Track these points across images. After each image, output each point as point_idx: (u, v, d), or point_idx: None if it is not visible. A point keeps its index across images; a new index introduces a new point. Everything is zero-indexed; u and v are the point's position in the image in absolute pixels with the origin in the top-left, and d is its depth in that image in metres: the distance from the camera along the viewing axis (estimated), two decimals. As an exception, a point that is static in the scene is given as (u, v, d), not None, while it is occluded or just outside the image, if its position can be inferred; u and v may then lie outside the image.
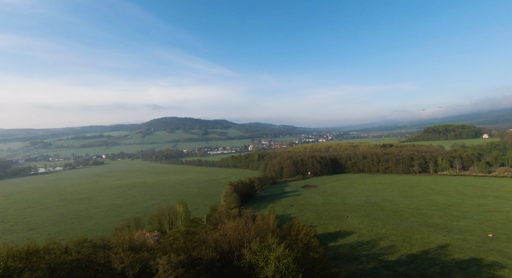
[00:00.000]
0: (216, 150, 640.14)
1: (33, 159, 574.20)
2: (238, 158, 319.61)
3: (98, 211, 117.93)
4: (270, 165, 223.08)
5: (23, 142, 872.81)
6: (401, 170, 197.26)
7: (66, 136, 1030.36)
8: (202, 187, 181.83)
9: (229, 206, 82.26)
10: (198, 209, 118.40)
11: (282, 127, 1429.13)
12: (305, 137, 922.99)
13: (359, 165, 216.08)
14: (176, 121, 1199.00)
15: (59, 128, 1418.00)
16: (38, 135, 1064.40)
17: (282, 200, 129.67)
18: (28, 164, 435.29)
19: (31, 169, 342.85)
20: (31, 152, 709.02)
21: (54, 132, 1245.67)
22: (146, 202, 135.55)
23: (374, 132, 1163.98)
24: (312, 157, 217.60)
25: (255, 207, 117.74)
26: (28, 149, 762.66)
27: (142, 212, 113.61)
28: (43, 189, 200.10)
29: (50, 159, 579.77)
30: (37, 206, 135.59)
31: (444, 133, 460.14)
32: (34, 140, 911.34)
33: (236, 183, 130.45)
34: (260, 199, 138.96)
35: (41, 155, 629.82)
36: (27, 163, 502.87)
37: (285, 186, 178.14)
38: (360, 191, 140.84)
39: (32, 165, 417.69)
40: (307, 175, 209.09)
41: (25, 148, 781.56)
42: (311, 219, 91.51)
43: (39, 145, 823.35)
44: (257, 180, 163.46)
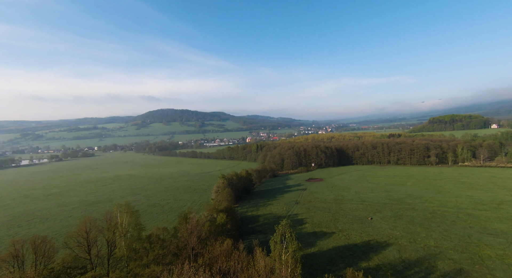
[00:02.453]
0: (212, 142, 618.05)
1: (20, 151, 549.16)
2: (235, 149, 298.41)
3: (61, 210, 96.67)
4: (270, 156, 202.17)
5: (14, 134, 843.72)
6: (415, 160, 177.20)
7: (59, 128, 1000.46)
8: (193, 181, 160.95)
9: (217, 206, 61.13)
10: (184, 207, 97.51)
11: (281, 120, 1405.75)
12: (304, 130, 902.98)
13: (368, 156, 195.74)
14: (172, 113, 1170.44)
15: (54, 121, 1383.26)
16: (30, 127, 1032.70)
17: (284, 196, 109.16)
18: (13, 156, 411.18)
19: (13, 161, 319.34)
20: (20, 144, 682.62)
21: (47, 124, 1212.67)
22: (123, 199, 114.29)
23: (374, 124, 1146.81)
24: (316, 147, 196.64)
25: (252, 205, 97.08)
26: (17, 141, 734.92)
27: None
28: (14, 183, 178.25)
29: (40, 151, 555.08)
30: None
31: (451, 124, 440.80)
32: (26, 131, 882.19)
33: (230, 176, 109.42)
34: (258, 194, 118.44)
35: (30, 147, 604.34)
36: (13, 154, 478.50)
37: (287, 179, 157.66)
38: (375, 184, 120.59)
39: (17, 157, 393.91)
40: (310, 167, 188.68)
41: (15, 139, 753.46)
42: (325, 222, 70.98)
43: (30, 137, 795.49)
44: (255, 173, 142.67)
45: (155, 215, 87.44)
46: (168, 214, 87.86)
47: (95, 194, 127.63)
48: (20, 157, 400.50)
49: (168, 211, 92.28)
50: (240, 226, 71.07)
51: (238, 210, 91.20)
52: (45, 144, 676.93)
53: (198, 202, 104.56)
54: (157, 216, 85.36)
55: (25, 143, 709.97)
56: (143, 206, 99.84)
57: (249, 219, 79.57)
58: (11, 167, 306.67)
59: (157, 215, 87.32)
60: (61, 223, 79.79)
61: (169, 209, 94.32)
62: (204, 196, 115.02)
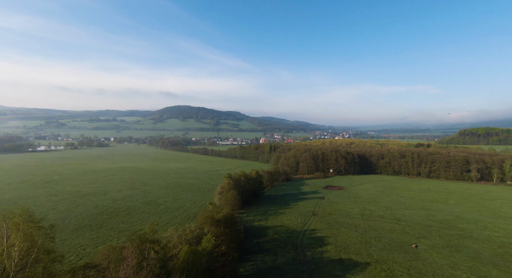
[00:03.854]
0: (226, 141, 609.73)
1: (42, 137, 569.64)
2: (247, 149, 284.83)
3: (47, 201, 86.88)
4: (284, 157, 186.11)
5: (40, 121, 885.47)
6: (451, 175, 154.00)
7: (81, 118, 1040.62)
8: (199, 178, 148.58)
9: (215, 213, 46.68)
10: (183, 207, 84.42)
11: (296, 123, 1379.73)
12: (320, 134, 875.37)
13: (395, 165, 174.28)
14: (189, 110, 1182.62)
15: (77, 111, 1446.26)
16: (56, 116, 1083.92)
17: (299, 204, 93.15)
18: (33, 141, 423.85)
19: (30, 146, 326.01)
20: (43, 131, 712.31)
21: (71, 114, 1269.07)
22: (119, 193, 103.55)
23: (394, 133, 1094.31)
24: (336, 151, 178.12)
25: (261, 212, 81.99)
26: (41, 128, 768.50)
27: (100, 207, 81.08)
28: (21, 167, 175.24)
29: (59, 138, 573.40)
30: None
31: (485, 137, 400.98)
32: (50, 119, 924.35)
33: (237, 176, 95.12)
34: (269, 199, 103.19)
35: (52, 134, 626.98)
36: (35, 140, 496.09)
37: (302, 184, 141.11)
38: (409, 199, 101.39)
39: (36, 143, 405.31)
40: (328, 173, 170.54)
41: (40, 126, 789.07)
42: (353, 245, 54.58)
43: (53, 125, 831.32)
44: (266, 174, 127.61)
45: (147, 215, 74.84)
46: (162, 215, 74.99)
47: (93, 185, 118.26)
48: (39, 143, 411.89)
49: (162, 211, 79.50)
50: (243, 241, 56.37)
51: (244, 218, 76.59)
52: (66, 132, 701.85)
53: (199, 203, 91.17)
54: (147, 217, 72.67)
55: (48, 130, 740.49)
56: (137, 203, 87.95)
57: (255, 231, 64.67)
58: (28, 151, 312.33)
59: (148, 215, 74.68)
60: (38, 216, 68.68)
61: (164, 209, 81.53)
62: (207, 196, 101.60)
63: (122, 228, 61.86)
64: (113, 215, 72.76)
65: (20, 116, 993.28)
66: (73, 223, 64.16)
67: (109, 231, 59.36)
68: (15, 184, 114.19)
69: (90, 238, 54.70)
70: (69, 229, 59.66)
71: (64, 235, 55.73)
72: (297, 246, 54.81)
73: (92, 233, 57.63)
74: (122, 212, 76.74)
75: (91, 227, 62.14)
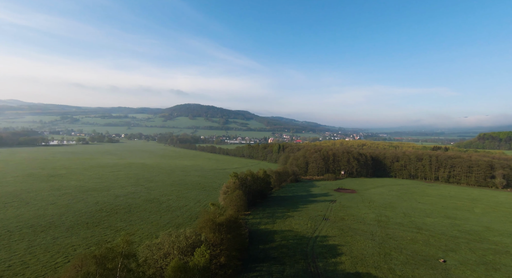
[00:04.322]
0: (234, 139, 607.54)
1: (56, 131, 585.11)
2: (255, 148, 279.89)
3: (49, 195, 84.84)
4: (293, 157, 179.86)
5: (55, 116, 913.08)
6: (474, 180, 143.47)
7: (94, 114, 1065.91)
8: (205, 176, 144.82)
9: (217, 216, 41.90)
10: (186, 206, 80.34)
11: (305, 124, 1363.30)
12: (329, 135, 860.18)
13: (411, 169, 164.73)
14: (198, 108, 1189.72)
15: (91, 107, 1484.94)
16: (70, 111, 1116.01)
17: (309, 207, 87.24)
18: (47, 135, 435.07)
19: (43, 140, 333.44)
20: (58, 126, 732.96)
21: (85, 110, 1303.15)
22: (122, 189, 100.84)
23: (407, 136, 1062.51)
24: (348, 152, 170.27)
25: (268, 214, 76.67)
26: (56, 123, 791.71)
27: (101, 203, 78.06)
28: (33, 160, 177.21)
29: (73, 133, 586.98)
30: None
31: (507, 142, 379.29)
32: (66, 115, 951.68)
33: (244, 175, 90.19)
34: (276, 200, 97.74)
35: (66, 129, 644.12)
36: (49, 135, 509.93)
37: (311, 185, 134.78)
38: (428, 206, 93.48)
39: (50, 137, 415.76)
40: (339, 175, 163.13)
41: (55, 121, 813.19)
42: (370, 256, 48.49)
43: (68, 120, 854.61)
44: (274, 174, 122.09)
45: (147, 213, 71.02)
46: (163, 215, 70.99)
47: (97, 180, 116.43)
48: (53, 137, 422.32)
49: (164, 210, 75.58)
50: (247, 247, 51.30)
51: (249, 220, 71.57)
52: (79, 127, 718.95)
53: (203, 203, 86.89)
54: (148, 216, 68.79)
55: (62, 125, 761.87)
56: (139, 200, 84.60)
57: (261, 235, 59.50)
58: (41, 145, 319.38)
59: (149, 214, 70.84)
60: (36, 212, 66.42)
61: (166, 208, 77.61)
62: (212, 196, 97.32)
63: (120, 227, 58.13)
64: (113, 213, 69.38)
65: (37, 112, 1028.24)
66: (70, 220, 61.03)
67: (105, 230, 55.72)
68: (22, 177, 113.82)
69: (84, 237, 51.12)
70: (65, 226, 56.44)
71: (58, 233, 52.44)
72: (308, 254, 49.27)
73: (87, 232, 54.11)
74: (122, 209, 73.36)
75: (88, 224, 58.76)
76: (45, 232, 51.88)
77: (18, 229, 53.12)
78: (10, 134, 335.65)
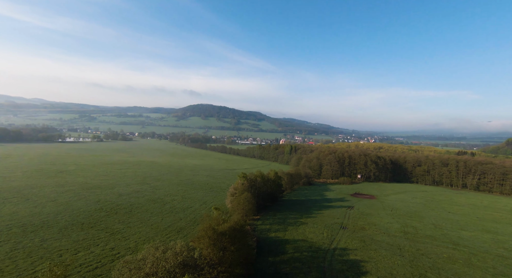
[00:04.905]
0: (245, 140, 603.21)
1: (74, 129, 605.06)
2: (266, 148, 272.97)
3: (51, 191, 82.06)
4: (305, 159, 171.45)
5: (74, 114, 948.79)
6: (508, 189, 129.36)
7: (111, 113, 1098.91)
8: (214, 176, 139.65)
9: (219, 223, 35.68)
10: (191, 208, 74.85)
11: (318, 126, 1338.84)
12: (343, 138, 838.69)
13: (435, 174, 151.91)
14: (211, 108, 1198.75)
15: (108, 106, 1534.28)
16: (89, 110, 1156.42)
17: (324, 213, 79.36)
18: (64, 133, 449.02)
19: (60, 136, 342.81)
20: (76, 123, 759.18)
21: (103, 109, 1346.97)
22: (127, 187, 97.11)
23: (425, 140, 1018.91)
24: (365, 155, 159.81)
25: (278, 220, 69.57)
26: (75, 121, 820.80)
27: (102, 202, 74.00)
28: (46, 156, 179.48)
29: (89, 131, 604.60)
30: (3, 174, 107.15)
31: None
32: (84, 113, 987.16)
33: (253, 177, 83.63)
34: (288, 204, 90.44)
35: (83, 127, 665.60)
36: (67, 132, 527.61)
37: (326, 189, 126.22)
38: (462, 217, 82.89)
39: (67, 134, 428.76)
40: (356, 179, 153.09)
41: (73, 119, 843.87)
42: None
43: (86, 118, 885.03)
44: (286, 176, 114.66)
45: (148, 215, 65.99)
46: (165, 216, 65.68)
47: (104, 177, 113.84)
48: (70, 134, 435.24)
49: (167, 211, 70.34)
50: (255, 259, 44.57)
51: (258, 226, 64.85)
52: (96, 125, 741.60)
53: (209, 204, 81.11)
54: (149, 218, 63.68)
55: (80, 123, 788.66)
56: (142, 200, 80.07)
57: (271, 245, 52.64)
58: (58, 141, 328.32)
59: (150, 215, 65.76)
60: (33, 209, 62.98)
61: (170, 209, 72.39)
62: (220, 197, 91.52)
63: (116, 230, 53.17)
64: (112, 213, 64.87)
65: (58, 110, 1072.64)
66: (66, 219, 56.88)
67: (99, 233, 50.86)
68: (30, 172, 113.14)
69: (75, 240, 46.36)
70: (58, 227, 52.16)
71: (49, 234, 48.05)
72: (325, 272, 41.89)
73: (80, 234, 49.41)
74: (123, 209, 68.82)
75: (83, 225, 54.26)
76: (35, 233, 47.66)
77: (8, 228, 49.29)
78: (30, 130, 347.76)
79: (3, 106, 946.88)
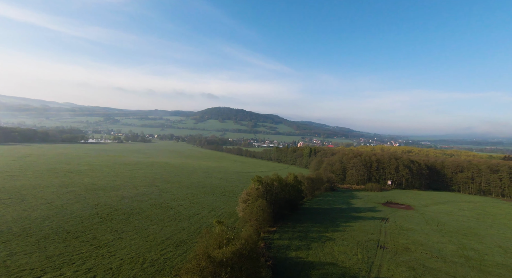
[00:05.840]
0: (262, 142, 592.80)
1: (98, 131, 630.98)
2: (283, 151, 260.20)
3: (52, 192, 76.46)
4: (327, 162, 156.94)
5: (99, 117, 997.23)
6: None
7: (133, 116, 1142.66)
8: (228, 179, 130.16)
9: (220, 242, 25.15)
10: (198, 215, 65.18)
11: (337, 129, 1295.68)
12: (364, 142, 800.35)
13: (480, 182, 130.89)
14: (228, 111, 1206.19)
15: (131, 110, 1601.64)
16: (113, 113, 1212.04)
17: (353, 226, 66.09)
18: (88, 134, 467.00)
19: (82, 137, 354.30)
20: (101, 126, 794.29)
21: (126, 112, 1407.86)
22: (133, 189, 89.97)
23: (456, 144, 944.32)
24: (396, 159, 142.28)
25: (300, 233, 57.49)
26: (100, 123, 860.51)
27: (101, 205, 66.48)
28: (65, 155, 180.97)
29: (112, 133, 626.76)
30: (14, 173, 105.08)
31: None
32: (108, 116, 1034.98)
33: (269, 181, 72.33)
34: (309, 214, 77.96)
35: (106, 129, 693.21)
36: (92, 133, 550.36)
37: (351, 196, 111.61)
38: (533, 237, 65.39)
39: (90, 135, 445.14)
40: (384, 185, 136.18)
41: (99, 122, 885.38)
42: None
43: (110, 121, 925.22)
44: (306, 181, 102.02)
45: (148, 222, 57.06)
46: (166, 225, 56.40)
47: (113, 178, 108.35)
48: (93, 136, 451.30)
49: (169, 218, 61.14)
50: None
51: (274, 241, 53.42)
52: (118, 128, 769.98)
53: (219, 212, 71.08)
54: (147, 226, 54.68)
55: (104, 125, 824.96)
56: (145, 204, 71.82)
57: (291, 269, 41.02)
58: (80, 142, 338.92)
59: (150, 223, 56.79)
60: (21, 213, 56.52)
61: (173, 216, 63.15)
62: (232, 202, 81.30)
63: (103, 242, 44.40)
64: (107, 219, 56.77)
65: (86, 113, 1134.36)
66: (51, 226, 49.33)
67: (83, 245, 42.28)
68: (41, 171, 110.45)
69: (49, 255, 37.97)
70: (38, 236, 44.44)
71: (22, 246, 40.21)
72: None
73: (59, 247, 41.10)
74: (121, 215, 60.64)
75: (68, 235, 46.22)
76: (6, 244, 40.05)
77: (-18, 235, 42.31)
78: (56, 132, 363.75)
79: (37, 110, 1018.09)
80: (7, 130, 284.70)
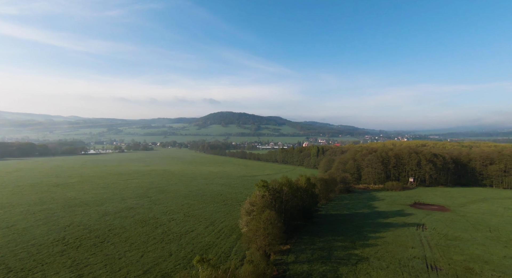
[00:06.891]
0: (266, 145, 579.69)
1: (101, 142, 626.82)
2: (289, 152, 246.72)
3: (20, 212, 64.83)
4: (338, 161, 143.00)
5: (103, 128, 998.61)
6: None
7: (136, 125, 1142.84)
8: (230, 185, 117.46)
9: None
10: (192, 232, 52.50)
11: (342, 127, 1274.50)
12: (370, 139, 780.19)
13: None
14: (231, 116, 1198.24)
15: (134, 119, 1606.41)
16: (116, 124, 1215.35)
17: (385, 237, 52.55)
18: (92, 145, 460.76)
19: (83, 148, 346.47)
20: (104, 136, 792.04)
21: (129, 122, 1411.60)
22: (121, 203, 77.85)
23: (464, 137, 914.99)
24: (417, 153, 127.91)
25: (321, 252, 44.00)
26: (103, 134, 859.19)
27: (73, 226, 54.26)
28: (59, 168, 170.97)
29: (115, 143, 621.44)
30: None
31: None
32: (112, 127, 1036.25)
33: (277, 185, 59.30)
34: (328, 222, 64.50)
35: (109, 139, 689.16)
36: (95, 144, 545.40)
37: (371, 198, 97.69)
38: None
39: (93, 146, 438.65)
40: (406, 183, 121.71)
41: (102, 132, 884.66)
42: None
43: (113, 131, 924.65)
44: (319, 183, 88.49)
45: (127, 247, 44.48)
46: (148, 250, 43.73)
47: (101, 190, 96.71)
48: (94, 146, 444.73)
49: (155, 240, 48.50)
50: None
51: (290, 266, 40.29)
52: (121, 137, 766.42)
53: (218, 226, 58.29)
54: (123, 254, 42.09)
55: (108, 135, 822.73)
56: (129, 221, 59.50)
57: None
58: (80, 154, 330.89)
59: (128, 248, 44.20)
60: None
61: (160, 236, 50.50)
62: (234, 213, 68.50)
63: (52, 284, 31.94)
64: (73, 246, 44.46)
65: (89, 125, 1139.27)
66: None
67: (19, 292, 29.88)
68: (22, 187, 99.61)
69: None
70: (-36, 278, 32.24)
71: None
72: None
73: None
74: (93, 238, 48.32)
75: (9, 274, 33.92)
76: None
77: None
78: (56, 144, 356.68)
79: (42, 124, 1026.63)
80: (4, 146, 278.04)
